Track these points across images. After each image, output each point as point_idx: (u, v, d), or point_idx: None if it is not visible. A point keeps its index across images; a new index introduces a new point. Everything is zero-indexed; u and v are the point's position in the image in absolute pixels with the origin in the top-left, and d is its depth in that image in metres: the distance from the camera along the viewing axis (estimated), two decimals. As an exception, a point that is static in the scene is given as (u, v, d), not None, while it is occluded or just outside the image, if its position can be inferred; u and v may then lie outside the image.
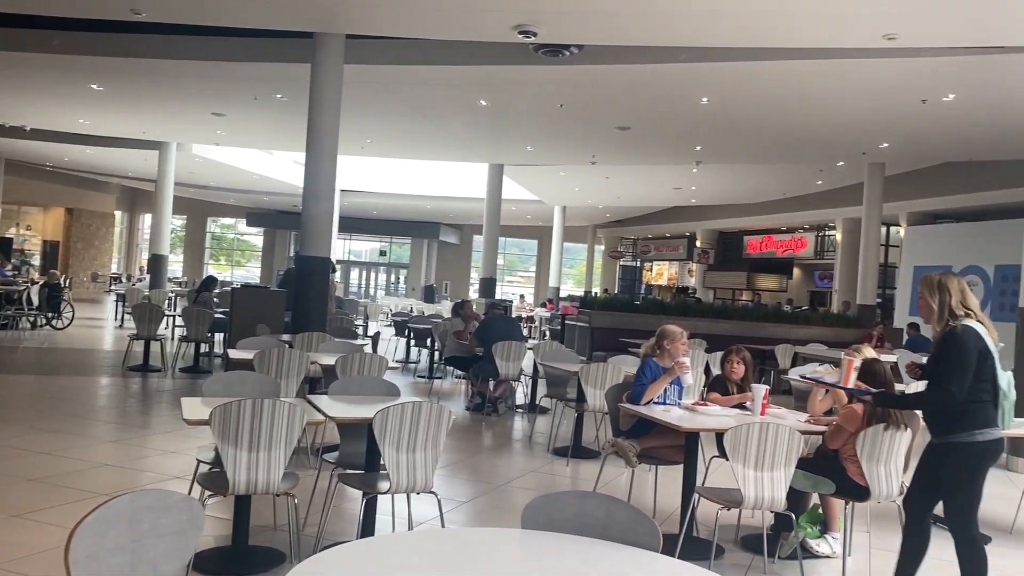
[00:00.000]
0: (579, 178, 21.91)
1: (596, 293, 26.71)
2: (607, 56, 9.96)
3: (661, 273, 33.60)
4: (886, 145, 14.81)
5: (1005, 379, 3.64)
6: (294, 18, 9.37)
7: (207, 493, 4.00)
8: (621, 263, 35.53)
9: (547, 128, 15.07)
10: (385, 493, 4.01)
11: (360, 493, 4.14)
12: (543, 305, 25.36)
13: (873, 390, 4.21)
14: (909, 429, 4.49)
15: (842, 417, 4.55)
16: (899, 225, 20.18)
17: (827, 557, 4.76)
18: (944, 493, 3.76)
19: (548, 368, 8.15)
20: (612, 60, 10.04)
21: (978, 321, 3.68)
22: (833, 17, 7.65)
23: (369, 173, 24.69)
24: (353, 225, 32.84)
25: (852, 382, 4.40)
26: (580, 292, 29.42)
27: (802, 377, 6.21)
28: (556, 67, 10.41)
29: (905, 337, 14.59)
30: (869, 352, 5.03)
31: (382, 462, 4.06)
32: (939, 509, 3.95)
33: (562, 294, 28.28)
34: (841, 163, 17.29)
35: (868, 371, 4.54)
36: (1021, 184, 8.31)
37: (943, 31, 7.90)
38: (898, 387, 5.18)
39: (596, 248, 35.11)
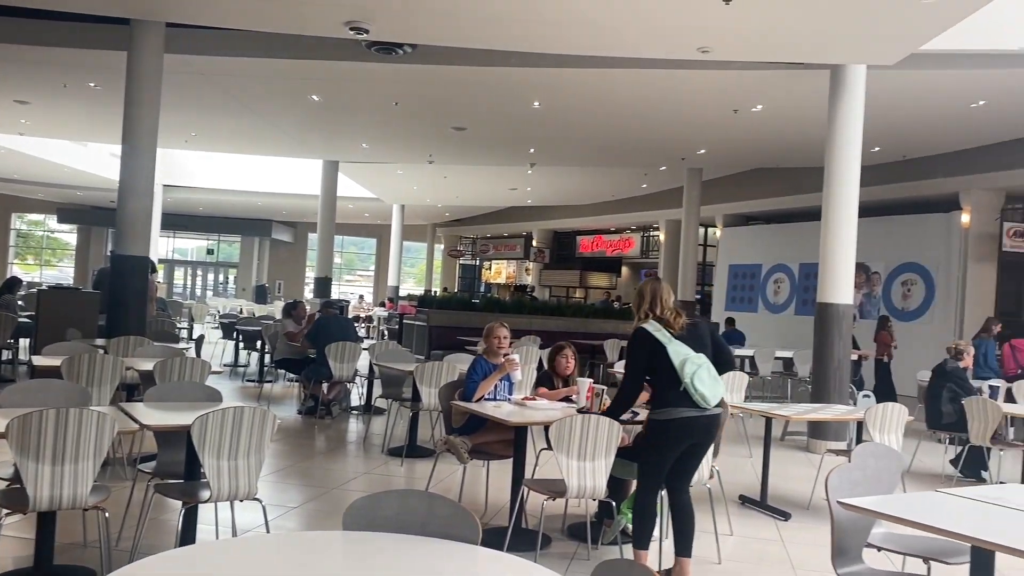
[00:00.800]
0: (417, 177, 21.88)
1: (436, 292, 26.77)
2: (441, 56, 10.02)
3: (500, 272, 34.15)
4: (703, 151, 15.79)
5: (678, 361, 4.01)
6: (110, 2, 8.79)
7: (4, 512, 3.70)
8: (461, 262, 35.79)
9: (383, 126, 14.96)
10: (206, 502, 3.87)
11: (179, 503, 3.96)
12: (382, 305, 25.12)
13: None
14: (717, 416, 4.84)
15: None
16: (716, 226, 21.55)
17: (646, 540, 5.03)
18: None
19: (383, 368, 8.10)
20: (446, 61, 10.12)
21: (658, 319, 4.13)
22: (653, 30, 8.07)
23: (195, 168, 23.51)
24: (178, 222, 31.15)
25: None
26: (421, 291, 29.40)
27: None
28: (390, 65, 10.36)
29: (722, 330, 15.61)
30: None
31: (203, 470, 3.91)
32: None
33: (403, 293, 28.14)
34: (663, 168, 18.25)
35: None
36: (820, 189, 9.17)
37: (750, 47, 8.53)
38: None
39: (436, 247, 35.18)
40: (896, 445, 6.04)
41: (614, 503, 4.69)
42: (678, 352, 4.04)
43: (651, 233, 25.55)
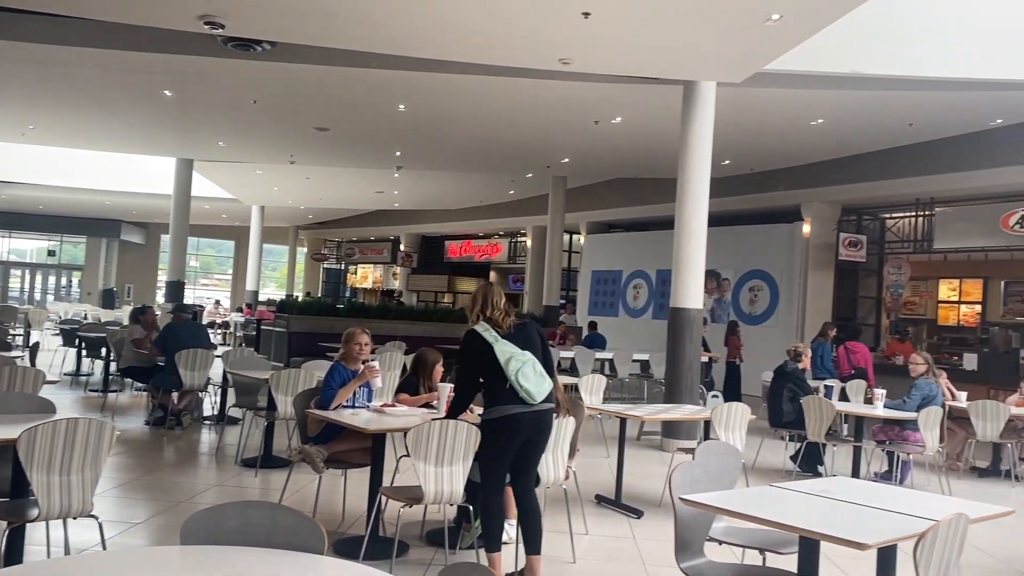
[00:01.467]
0: (278, 177, 21.26)
1: (299, 297, 26.09)
2: (302, 55, 9.78)
3: (366, 276, 33.67)
4: (567, 160, 16.17)
5: (504, 359, 4.16)
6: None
7: None
8: (325, 266, 35.04)
9: (241, 124, 14.45)
10: (34, 520, 3.60)
11: (2, 523, 3.67)
12: (239, 310, 24.22)
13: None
14: (572, 417, 4.96)
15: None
16: (580, 233, 22.11)
17: (504, 544, 5.07)
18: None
19: (237, 376, 7.81)
20: (306, 60, 9.89)
21: (488, 320, 4.29)
22: (515, 39, 8.19)
23: (35, 163, 21.90)
24: (15, 221, 28.93)
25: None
26: (283, 295, 28.55)
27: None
28: (248, 62, 10.02)
29: (585, 333, 16.02)
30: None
31: (31, 487, 3.63)
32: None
33: (263, 298, 27.24)
34: (530, 175, 18.56)
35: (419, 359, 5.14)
36: (672, 200, 9.58)
37: (608, 60, 8.81)
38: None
39: (299, 250, 34.28)
40: (740, 443, 6.38)
41: (471, 508, 4.71)
42: (504, 351, 4.18)
43: (518, 239, 25.91)
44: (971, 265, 15.29)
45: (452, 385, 5.23)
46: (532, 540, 4.30)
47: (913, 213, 14.85)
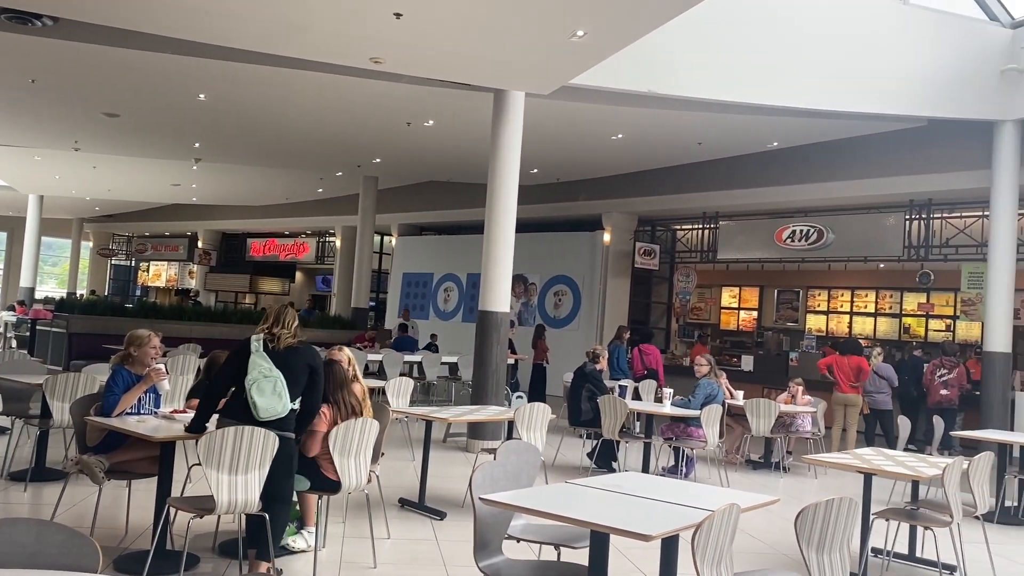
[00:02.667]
0: (60, 165, 19.45)
1: (82, 295, 24.00)
2: (89, 34, 9.02)
3: (159, 274, 31.58)
4: (378, 160, 16.01)
5: (253, 371, 4.32)
6: None
7: None
8: (113, 262, 32.51)
9: (16, 105, 13.09)
10: None
11: None
12: (11, 308, 21.92)
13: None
14: (376, 421, 4.91)
15: (312, 424, 4.74)
16: (391, 235, 21.96)
17: (303, 551, 4.94)
18: None
19: (5, 381, 7.05)
20: (94, 39, 9.13)
21: (269, 334, 4.46)
22: (326, 34, 8.00)
23: None
24: None
25: None
26: (65, 293, 26.14)
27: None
28: (27, 37, 9.11)
29: (394, 337, 15.92)
30: (343, 355, 5.36)
31: None
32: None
33: (41, 295, 24.82)
34: (340, 173, 18.20)
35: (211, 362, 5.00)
36: (482, 205, 9.77)
37: (420, 63, 8.82)
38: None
39: (84, 245, 31.55)
40: (540, 442, 6.59)
41: (268, 516, 4.54)
42: (257, 362, 4.31)
43: (327, 239, 25.31)
44: (749, 274, 16.73)
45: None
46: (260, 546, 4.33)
47: (700, 226, 16.03)
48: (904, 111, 10.90)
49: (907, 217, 13.13)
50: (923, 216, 13.02)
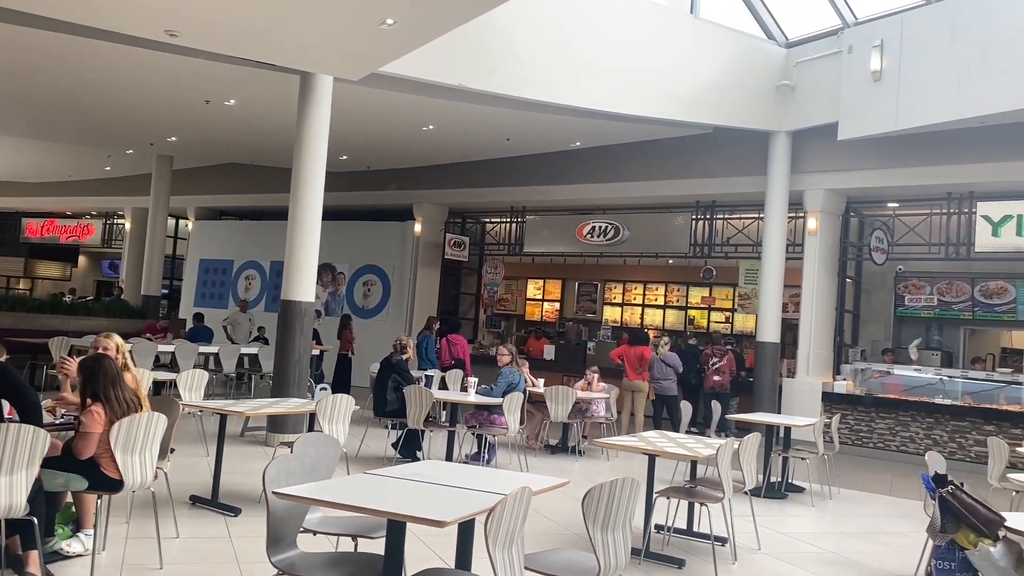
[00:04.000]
0: None
1: None
2: None
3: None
4: (174, 139, 15.07)
5: None
6: None
7: None
8: None
9: None
10: None
11: None
12: None
13: None
14: (163, 416, 4.65)
15: (84, 425, 4.41)
16: (187, 218, 20.74)
17: (79, 555, 4.59)
18: None
19: None
20: None
21: None
22: (115, 0, 7.42)
23: None
24: None
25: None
26: None
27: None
28: None
29: (189, 326, 15.08)
30: (111, 343, 5.04)
31: None
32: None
33: None
34: (130, 151, 16.95)
35: (86, 368, 4.55)
36: (287, 190, 9.45)
37: (219, 39, 8.38)
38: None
39: None
40: (343, 434, 6.51)
41: (35, 520, 4.17)
42: None
43: (115, 220, 23.49)
44: (553, 267, 17.37)
45: None
46: None
47: (508, 219, 16.43)
48: (692, 118, 11.73)
49: (693, 217, 14.16)
50: (707, 217, 14.09)
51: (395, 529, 3.34)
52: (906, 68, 10.50)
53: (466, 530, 3.74)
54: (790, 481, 8.42)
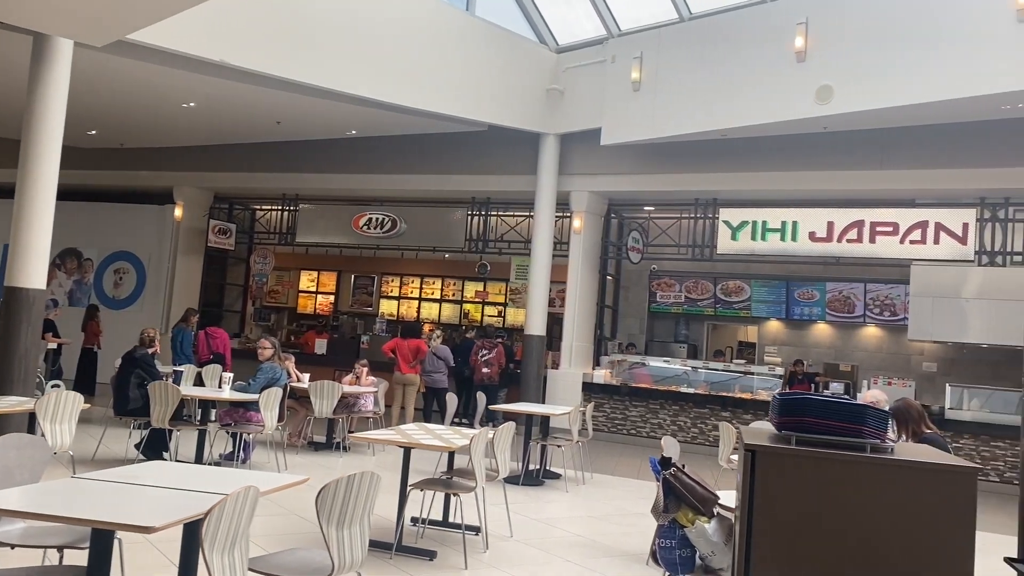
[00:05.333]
0: None
1: None
2: None
3: None
4: None
5: None
6: None
7: None
8: None
9: None
10: None
11: None
12: None
13: None
14: None
15: None
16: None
17: None
18: None
19: None
20: None
21: None
22: None
23: None
24: None
25: None
26: None
27: None
28: None
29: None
30: None
31: None
32: None
33: None
34: None
35: None
36: (16, 164, 8.43)
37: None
38: None
39: None
40: (68, 434, 5.88)
41: None
42: None
43: None
44: (328, 259, 16.91)
45: None
46: None
47: (280, 207, 15.78)
48: (467, 114, 11.86)
49: (469, 213, 14.36)
50: (483, 213, 14.34)
51: (100, 538, 3.02)
52: (662, 81, 11.27)
53: (191, 534, 3.47)
54: (548, 468, 8.74)
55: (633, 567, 5.58)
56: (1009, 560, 2.77)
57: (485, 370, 12.15)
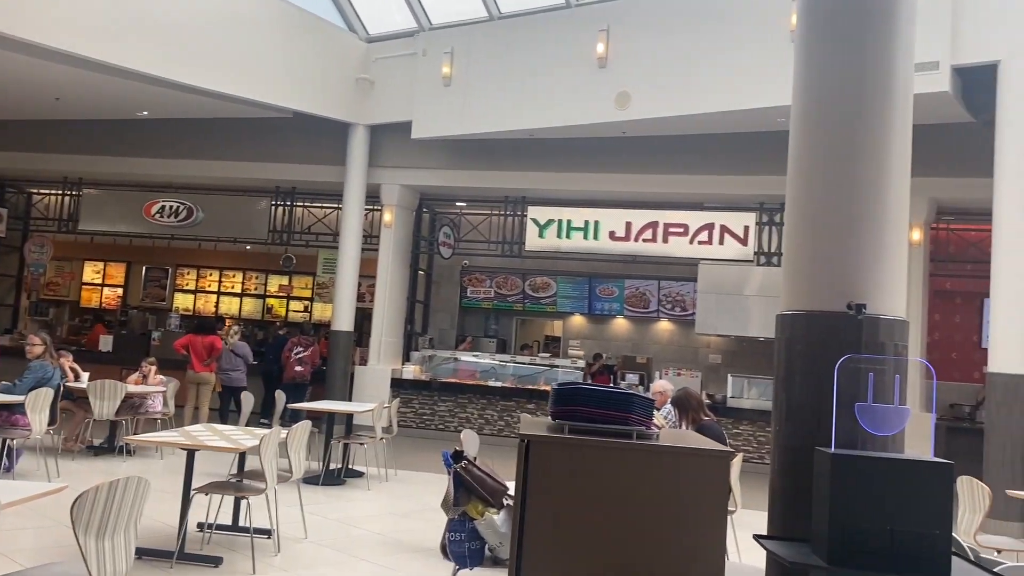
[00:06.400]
0: None
1: None
2: None
3: None
4: None
5: None
6: None
7: None
8: None
9: None
10: None
11: None
12: None
13: None
14: None
15: None
16: None
17: None
18: None
19: None
20: None
21: None
22: None
23: None
24: None
25: None
26: None
27: None
28: None
29: None
30: None
31: None
32: None
33: None
34: None
35: None
36: None
37: None
38: None
39: None
40: None
41: None
42: None
43: None
44: (116, 249, 15.69)
45: None
46: None
47: (61, 191, 14.45)
48: (270, 100, 11.36)
49: (274, 203, 13.81)
50: (288, 203, 13.84)
51: None
52: (473, 77, 11.34)
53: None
54: (351, 467, 8.56)
55: (431, 562, 5.56)
56: (757, 537, 2.99)
57: (298, 368, 11.72)
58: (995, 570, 2.72)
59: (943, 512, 2.54)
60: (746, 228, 11.79)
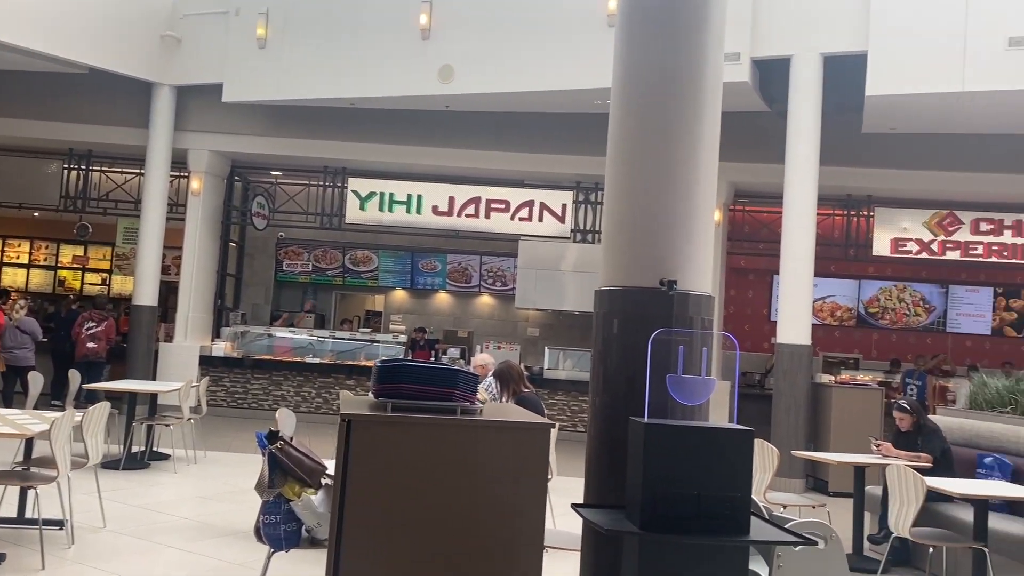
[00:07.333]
0: None
1: None
2: None
3: None
4: None
5: None
6: None
7: None
8: None
9: None
10: None
11: None
12: None
13: None
14: None
15: None
16: None
17: None
18: None
19: None
20: None
21: None
22: None
23: None
24: None
25: None
26: None
27: None
28: None
29: None
30: None
31: None
32: None
33: None
34: None
35: None
36: None
37: None
38: None
39: None
40: None
41: None
42: None
43: None
44: None
45: None
46: None
47: None
48: (60, 54, 10.32)
49: (66, 167, 12.62)
50: (83, 167, 12.69)
51: None
52: (289, 41, 10.84)
53: None
54: (155, 449, 8.05)
55: (244, 545, 5.33)
56: (575, 506, 3.09)
57: (91, 345, 10.77)
58: (786, 526, 2.96)
59: (744, 475, 2.73)
60: (564, 206, 12.13)
